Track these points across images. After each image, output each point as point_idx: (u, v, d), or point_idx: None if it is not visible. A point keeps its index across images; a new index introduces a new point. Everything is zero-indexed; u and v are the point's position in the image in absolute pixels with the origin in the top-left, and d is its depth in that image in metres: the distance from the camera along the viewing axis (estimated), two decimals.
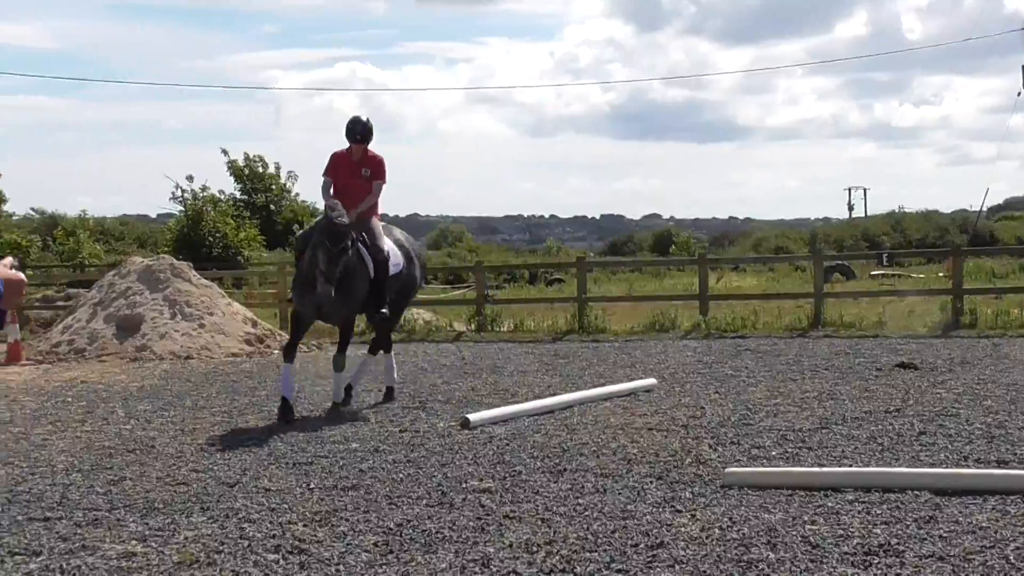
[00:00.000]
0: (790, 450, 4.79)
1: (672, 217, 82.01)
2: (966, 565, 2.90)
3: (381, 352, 6.62)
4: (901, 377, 7.13)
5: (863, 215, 49.18)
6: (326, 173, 6.29)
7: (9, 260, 2.05)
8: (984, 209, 35.17)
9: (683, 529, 3.36)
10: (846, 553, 3.05)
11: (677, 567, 2.97)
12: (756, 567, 2.95)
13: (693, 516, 3.53)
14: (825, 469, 4.27)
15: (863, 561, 2.97)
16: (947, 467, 4.27)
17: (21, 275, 2.02)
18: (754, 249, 35.13)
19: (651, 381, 6.94)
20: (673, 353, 8.98)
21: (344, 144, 6.22)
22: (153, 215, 35.91)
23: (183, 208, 22.05)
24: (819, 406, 5.97)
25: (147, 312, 9.88)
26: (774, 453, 4.73)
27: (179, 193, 22.15)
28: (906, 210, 44.19)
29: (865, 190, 53.58)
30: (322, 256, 5.58)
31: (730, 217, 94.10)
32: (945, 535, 3.19)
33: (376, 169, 6.27)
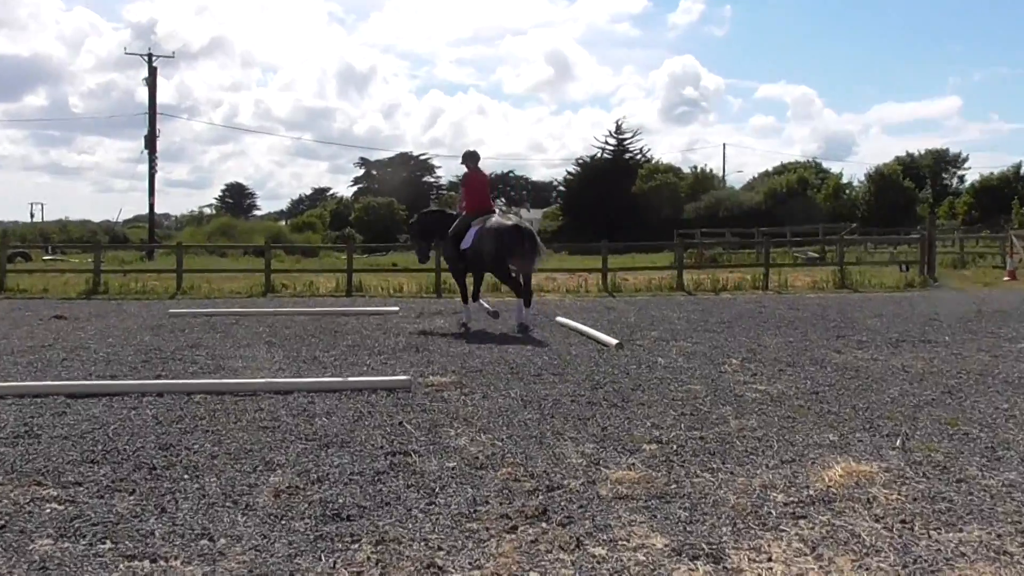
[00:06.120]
0: None
1: None
2: (88, 437, 7.02)
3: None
4: (56, 324, 13.38)
5: (41, 220, 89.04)
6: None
7: None
8: (120, 220, 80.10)
9: None
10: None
11: None
12: None
13: None
14: None
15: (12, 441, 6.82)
16: (84, 380, 8.60)
17: None
18: None
19: None
20: None
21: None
22: None
23: None
24: None
25: None
26: None
27: None
28: (71, 219, 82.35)
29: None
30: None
31: None
32: (72, 422, 7.29)
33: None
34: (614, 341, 11.26)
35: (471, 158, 13.99)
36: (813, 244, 39.22)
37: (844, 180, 71.63)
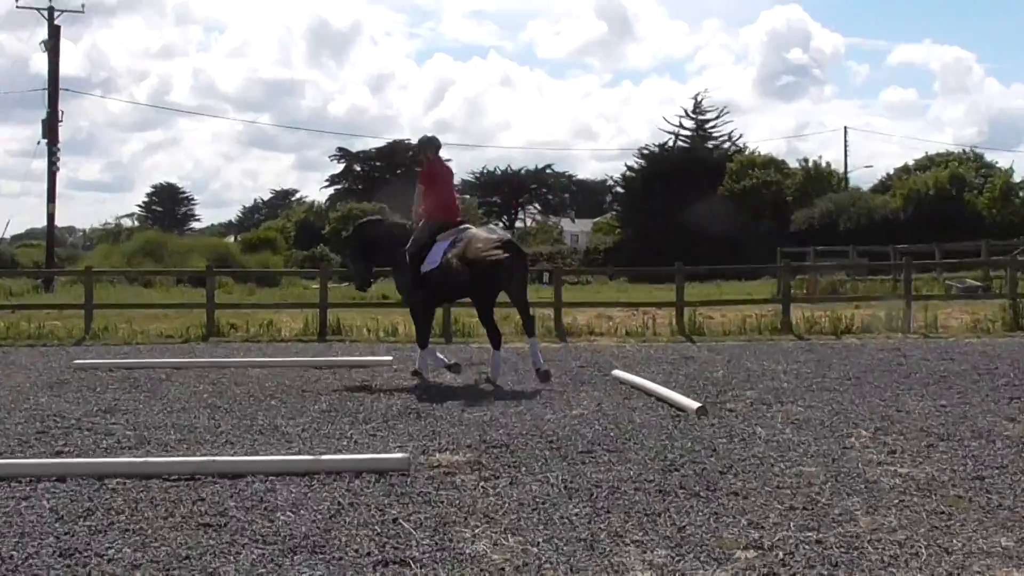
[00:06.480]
0: None
1: None
2: None
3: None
4: None
5: None
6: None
7: None
8: (8, 236, 66.87)
9: None
10: None
11: None
12: None
13: None
14: None
15: None
16: None
17: None
18: None
19: None
20: None
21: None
22: None
23: None
24: None
25: None
26: None
27: None
28: None
29: None
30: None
31: None
32: None
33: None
34: (695, 404, 11.23)
35: (430, 146, 14.55)
36: (973, 268, 38.98)
37: (1016, 179, 71.35)
